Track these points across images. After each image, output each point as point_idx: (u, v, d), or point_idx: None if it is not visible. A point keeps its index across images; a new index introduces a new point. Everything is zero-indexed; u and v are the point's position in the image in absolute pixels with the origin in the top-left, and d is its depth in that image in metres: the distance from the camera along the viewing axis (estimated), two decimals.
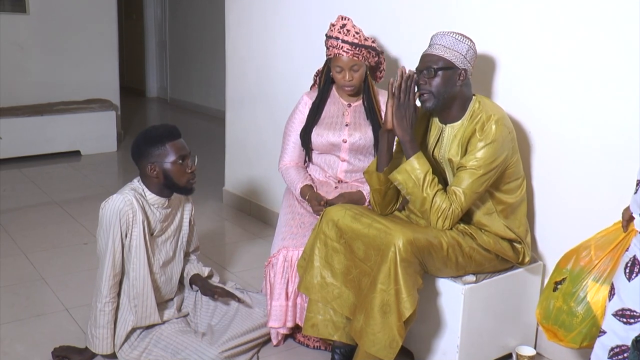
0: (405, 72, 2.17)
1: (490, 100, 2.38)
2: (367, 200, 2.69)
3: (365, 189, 2.71)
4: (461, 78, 2.21)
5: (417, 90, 2.23)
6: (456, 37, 2.21)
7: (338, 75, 2.66)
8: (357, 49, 2.59)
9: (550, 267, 2.36)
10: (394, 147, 2.31)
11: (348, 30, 2.60)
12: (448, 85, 2.20)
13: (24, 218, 4.12)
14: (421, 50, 2.28)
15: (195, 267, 2.71)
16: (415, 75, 2.19)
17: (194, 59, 8.95)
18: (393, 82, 2.17)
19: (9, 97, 5.81)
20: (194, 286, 2.67)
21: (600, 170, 2.33)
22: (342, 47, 2.59)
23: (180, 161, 2.39)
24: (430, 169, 2.19)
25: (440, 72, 2.19)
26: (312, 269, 2.33)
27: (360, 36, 2.61)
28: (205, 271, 2.71)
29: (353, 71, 2.64)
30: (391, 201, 2.39)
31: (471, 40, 2.24)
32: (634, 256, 1.76)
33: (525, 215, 2.40)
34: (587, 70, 2.32)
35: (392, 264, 2.09)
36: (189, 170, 2.42)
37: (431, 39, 2.27)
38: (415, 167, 2.17)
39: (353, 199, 2.66)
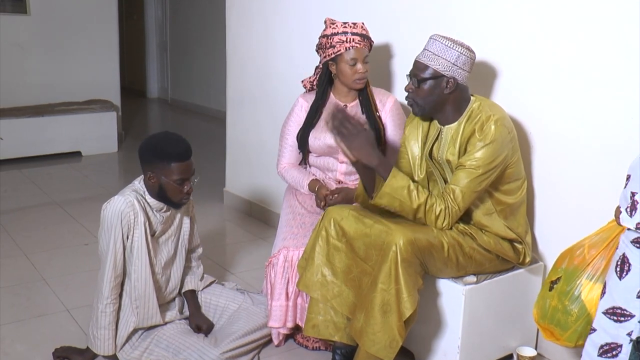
0: (330, 112, 2.16)
1: (491, 100, 2.38)
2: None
3: None
4: (449, 85, 2.19)
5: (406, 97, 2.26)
6: (446, 43, 2.18)
7: (350, 70, 2.66)
8: (365, 40, 2.65)
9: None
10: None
11: (355, 24, 2.66)
12: (434, 94, 2.21)
13: (24, 219, 4.12)
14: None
15: (191, 282, 2.69)
16: (341, 106, 2.19)
17: (195, 60, 8.96)
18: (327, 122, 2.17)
19: (9, 98, 5.82)
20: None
21: (600, 170, 2.33)
22: (354, 39, 2.62)
23: (179, 183, 2.38)
24: (411, 181, 2.17)
25: (425, 82, 2.19)
26: (312, 266, 2.33)
27: (366, 28, 2.68)
28: (201, 285, 2.71)
29: (365, 62, 2.66)
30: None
31: (463, 47, 2.19)
32: (624, 254, 1.76)
33: (525, 215, 2.39)
34: (587, 70, 2.32)
35: (392, 264, 2.10)
36: (185, 192, 2.41)
37: (427, 41, 2.25)
38: (395, 187, 2.16)
39: (349, 197, 2.68)
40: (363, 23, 2.70)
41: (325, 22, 2.70)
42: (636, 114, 2.17)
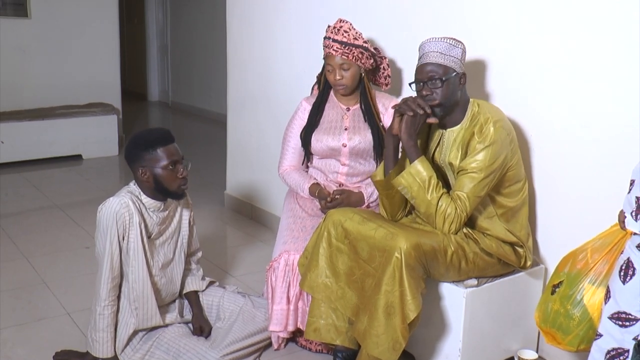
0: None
1: (489, 102, 2.38)
2: (366, 203, 2.71)
3: (367, 191, 2.72)
4: (462, 82, 2.23)
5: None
6: (451, 42, 2.21)
7: (330, 75, 2.69)
8: (347, 47, 2.62)
9: (552, 271, 2.35)
10: (400, 152, 2.31)
11: (338, 30, 2.65)
12: (455, 92, 2.22)
13: (25, 222, 4.12)
14: None
15: (193, 282, 2.69)
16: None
17: (196, 63, 8.97)
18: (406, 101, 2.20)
19: (10, 101, 5.82)
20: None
21: (601, 172, 2.32)
22: (333, 45, 2.63)
23: (171, 167, 2.38)
24: (434, 174, 2.19)
25: (445, 82, 2.19)
26: (316, 268, 2.33)
27: (349, 35, 2.63)
28: (203, 284, 2.71)
29: (343, 70, 2.65)
30: (399, 206, 2.39)
31: (462, 43, 2.25)
32: (628, 258, 1.76)
33: (526, 218, 2.39)
34: (588, 71, 2.32)
35: (396, 268, 2.09)
36: (180, 176, 2.41)
37: (422, 47, 2.24)
38: (419, 171, 2.18)
39: (351, 200, 2.68)
40: (350, 27, 2.65)
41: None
42: (637, 115, 2.17)
